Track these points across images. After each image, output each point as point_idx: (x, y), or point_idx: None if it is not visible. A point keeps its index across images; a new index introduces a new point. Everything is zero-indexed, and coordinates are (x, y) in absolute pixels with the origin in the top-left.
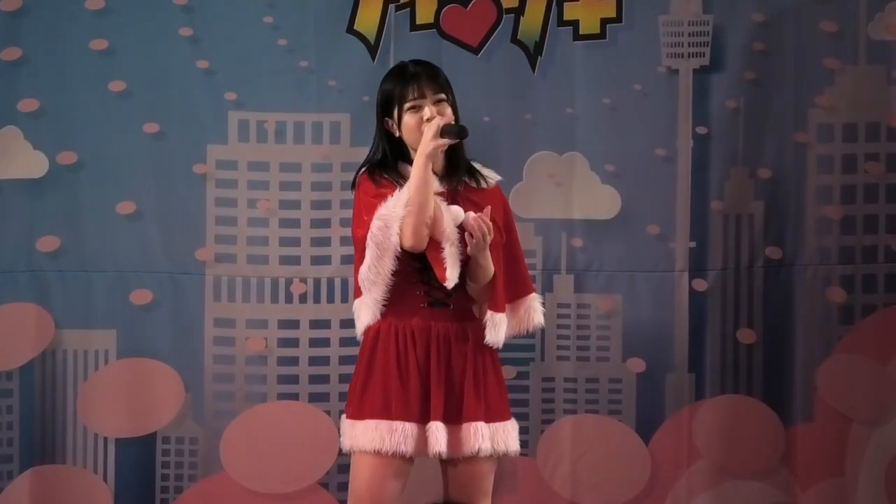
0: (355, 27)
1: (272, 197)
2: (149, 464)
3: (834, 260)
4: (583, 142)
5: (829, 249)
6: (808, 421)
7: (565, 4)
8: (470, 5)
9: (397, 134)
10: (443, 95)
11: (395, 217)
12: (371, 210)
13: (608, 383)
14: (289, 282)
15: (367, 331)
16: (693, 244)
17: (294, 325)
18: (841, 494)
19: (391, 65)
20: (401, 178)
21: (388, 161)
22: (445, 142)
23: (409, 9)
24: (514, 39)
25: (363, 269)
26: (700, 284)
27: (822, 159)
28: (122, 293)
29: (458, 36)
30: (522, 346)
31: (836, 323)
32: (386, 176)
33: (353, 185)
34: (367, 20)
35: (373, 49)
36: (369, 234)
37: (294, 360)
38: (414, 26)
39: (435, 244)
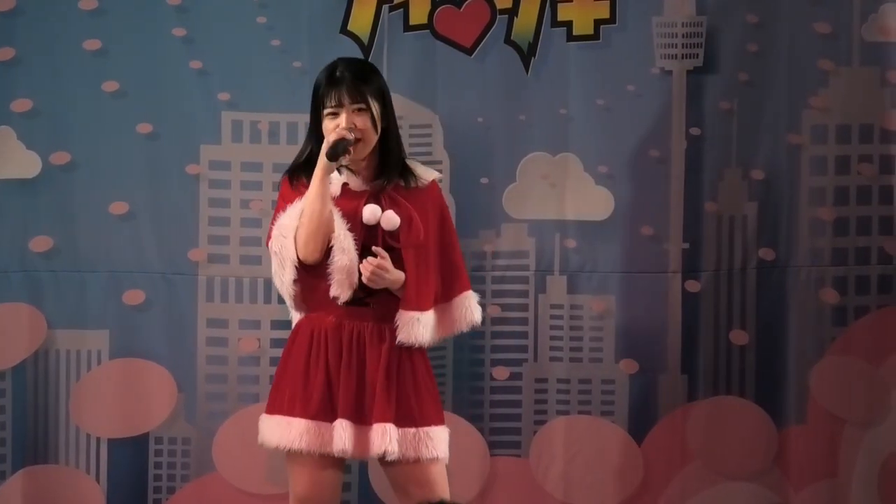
0: (349, 28)
1: (265, 198)
2: (141, 464)
3: (827, 261)
4: (576, 143)
5: (822, 251)
6: (801, 422)
7: (559, 5)
8: (464, 6)
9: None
10: (362, 105)
11: (290, 227)
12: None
13: (601, 384)
14: None
15: (293, 328)
16: (686, 245)
17: (287, 325)
18: (834, 496)
19: (385, 65)
20: None
21: (313, 160)
22: (331, 165)
23: (402, 9)
24: (508, 40)
25: (272, 275)
26: (693, 286)
27: (816, 161)
28: (114, 293)
29: (452, 37)
30: (515, 346)
31: (829, 324)
32: (305, 178)
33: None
34: (361, 21)
35: (366, 50)
36: (270, 244)
37: None
38: (407, 27)
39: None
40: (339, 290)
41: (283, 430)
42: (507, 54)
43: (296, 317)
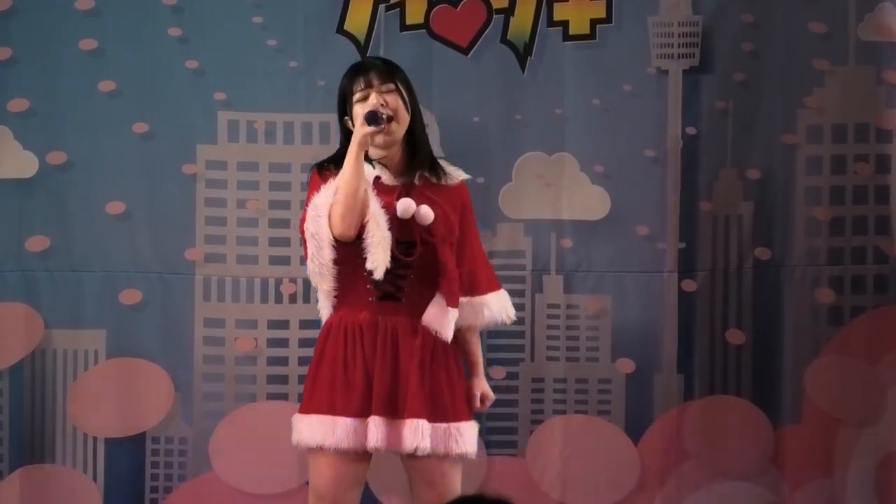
0: (345, 27)
1: (262, 197)
2: (138, 463)
3: (823, 261)
4: (572, 142)
5: (818, 250)
6: (797, 422)
7: (555, 5)
8: (460, 6)
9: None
10: (391, 86)
11: (325, 205)
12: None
13: (597, 384)
14: (278, 282)
15: (324, 324)
16: (682, 245)
17: (284, 325)
18: (830, 495)
19: None
20: None
21: (342, 156)
22: (371, 129)
23: (399, 9)
24: (504, 40)
25: (308, 261)
26: (689, 285)
27: (812, 160)
28: (111, 293)
29: (448, 36)
30: (512, 346)
31: (825, 324)
32: (334, 169)
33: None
34: (357, 20)
35: (363, 49)
36: (305, 226)
37: (284, 361)
38: (404, 26)
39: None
40: (375, 263)
41: (327, 430)
42: (503, 54)
43: (325, 315)
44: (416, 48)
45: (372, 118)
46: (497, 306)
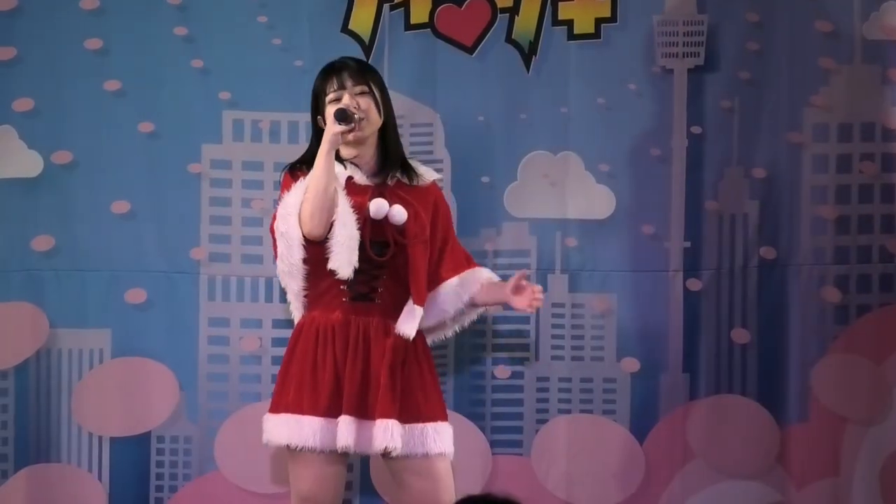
0: (350, 27)
1: (266, 197)
2: (143, 463)
3: (829, 260)
4: (577, 141)
5: (823, 249)
6: (803, 421)
7: (560, 4)
8: (464, 5)
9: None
10: (364, 88)
11: (294, 204)
12: None
13: (602, 383)
14: None
15: (296, 326)
16: (687, 244)
17: (288, 324)
18: (836, 494)
19: (386, 64)
20: None
21: (313, 156)
22: (341, 128)
23: (403, 8)
24: (509, 39)
25: (278, 261)
26: (694, 284)
27: (817, 159)
28: (116, 292)
29: (453, 35)
30: (516, 345)
31: (831, 323)
32: (306, 169)
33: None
34: (362, 20)
35: (367, 49)
36: (275, 225)
37: None
38: (408, 26)
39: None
40: (338, 264)
41: (293, 428)
42: (507, 53)
43: (297, 316)
44: (420, 47)
45: (342, 116)
46: (486, 273)
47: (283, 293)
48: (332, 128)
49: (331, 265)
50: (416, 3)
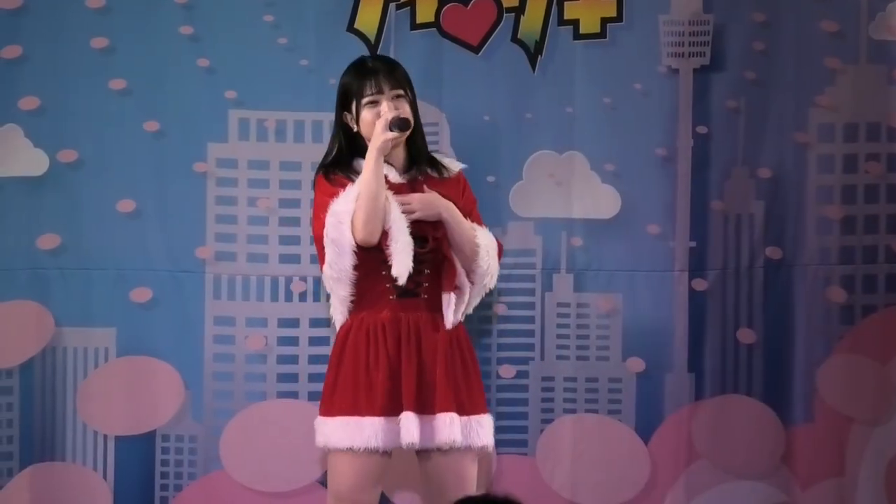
0: (355, 26)
1: (272, 195)
2: (148, 462)
3: (834, 260)
4: (583, 141)
5: (829, 249)
6: (808, 421)
7: (566, 4)
8: (470, 4)
9: (355, 129)
10: (401, 91)
11: (346, 212)
12: (327, 208)
13: (608, 383)
14: (289, 280)
15: (340, 328)
16: (693, 244)
17: (294, 323)
18: (841, 494)
19: None
20: (354, 175)
21: (343, 158)
22: (394, 135)
23: (409, 7)
24: (515, 38)
25: (325, 268)
26: (700, 284)
27: (823, 159)
28: (122, 291)
29: (459, 35)
30: (522, 345)
31: (837, 323)
32: (340, 174)
33: (313, 186)
34: (368, 19)
35: (373, 48)
36: (325, 232)
37: (294, 359)
38: (414, 25)
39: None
40: (399, 270)
41: (353, 431)
42: (513, 53)
43: (340, 320)
44: (426, 47)
45: (403, 125)
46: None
47: (288, 293)
48: (382, 135)
49: (394, 272)
50: (422, 3)
